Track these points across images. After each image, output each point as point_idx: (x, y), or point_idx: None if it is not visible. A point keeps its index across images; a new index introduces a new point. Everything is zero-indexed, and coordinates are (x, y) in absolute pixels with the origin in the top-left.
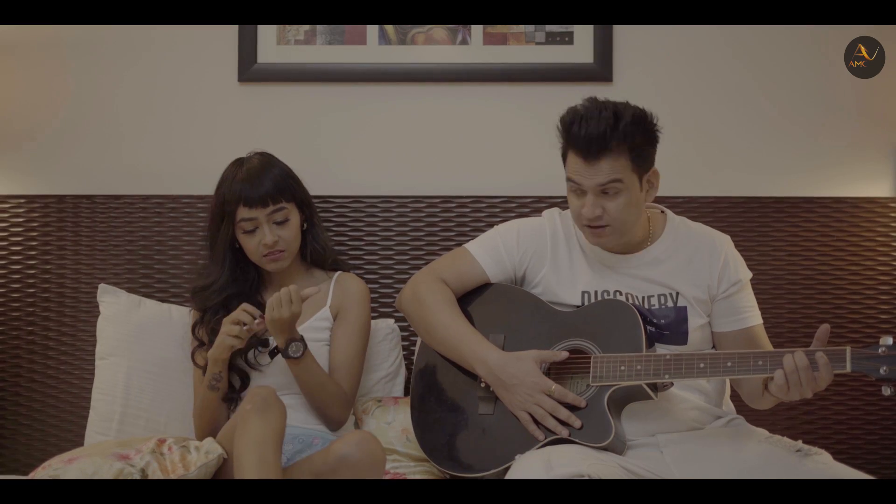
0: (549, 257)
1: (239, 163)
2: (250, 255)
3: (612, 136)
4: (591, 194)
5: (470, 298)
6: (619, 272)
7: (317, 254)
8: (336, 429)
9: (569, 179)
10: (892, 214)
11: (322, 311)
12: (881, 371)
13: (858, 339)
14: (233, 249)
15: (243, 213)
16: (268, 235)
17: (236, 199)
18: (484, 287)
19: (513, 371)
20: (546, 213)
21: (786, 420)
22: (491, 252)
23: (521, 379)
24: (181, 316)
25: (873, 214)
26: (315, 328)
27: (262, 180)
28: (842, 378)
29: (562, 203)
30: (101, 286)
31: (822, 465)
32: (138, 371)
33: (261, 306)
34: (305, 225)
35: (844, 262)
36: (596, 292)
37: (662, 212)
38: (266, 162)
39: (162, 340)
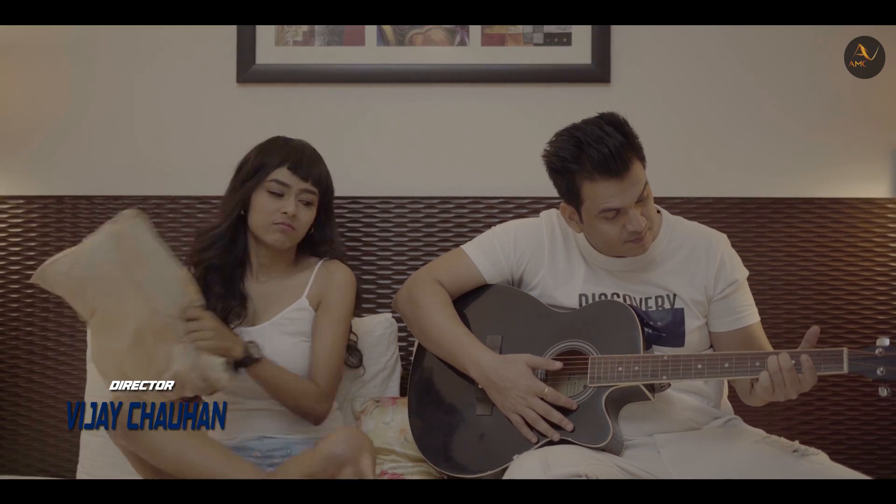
0: (546, 260)
1: (287, 138)
2: (260, 219)
3: (629, 144)
4: (632, 210)
5: (468, 299)
6: (616, 275)
7: (315, 247)
8: (318, 423)
9: (603, 210)
10: (890, 215)
11: (298, 302)
12: (878, 372)
13: (855, 340)
14: (242, 212)
15: (281, 174)
16: (291, 206)
17: (281, 160)
18: (482, 288)
19: (505, 374)
20: (544, 214)
21: (783, 420)
22: (488, 254)
23: (513, 382)
24: None
25: (870, 215)
26: (288, 320)
27: (313, 160)
28: (838, 378)
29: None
30: None
31: (819, 466)
32: None
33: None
34: (313, 227)
35: (842, 263)
36: (593, 295)
37: (658, 211)
38: (316, 152)
39: None
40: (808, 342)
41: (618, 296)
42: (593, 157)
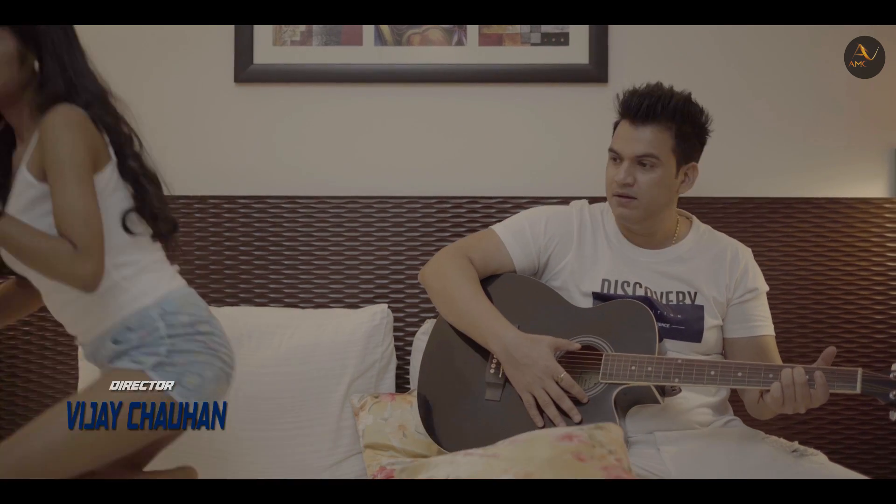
0: (574, 244)
1: None
2: None
3: (662, 109)
4: (627, 161)
5: (486, 287)
6: (641, 265)
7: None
8: (88, 289)
9: (610, 150)
10: (887, 215)
11: (20, 175)
12: (891, 396)
13: (852, 339)
14: None
15: None
16: None
17: None
18: (502, 277)
19: (527, 351)
20: (574, 203)
21: (781, 420)
22: (517, 236)
23: (533, 360)
24: None
25: (868, 215)
26: (17, 201)
27: None
28: None
29: (560, 204)
30: None
31: (818, 466)
32: None
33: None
34: (38, 63)
35: (839, 263)
36: (616, 282)
37: (688, 218)
38: None
39: None
40: (823, 360)
41: (640, 285)
42: (630, 97)
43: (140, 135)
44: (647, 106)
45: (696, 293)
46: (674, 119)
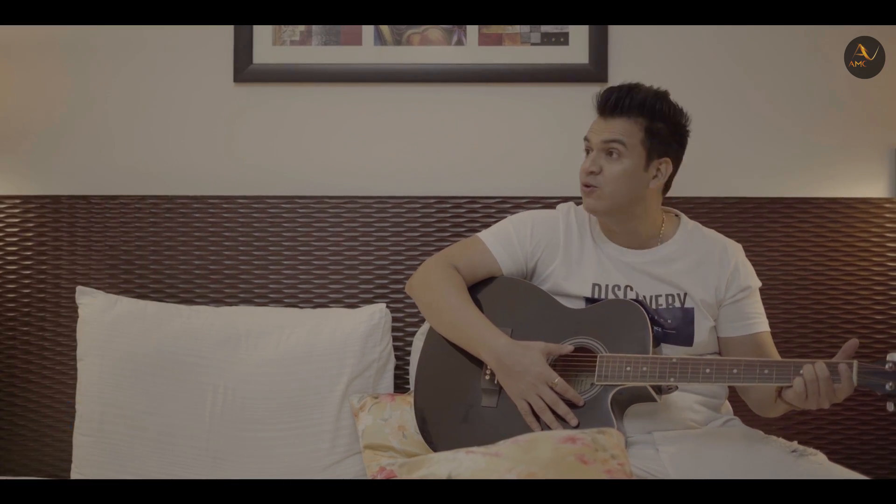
0: (561, 249)
1: None
2: None
3: (629, 101)
4: (595, 150)
5: (478, 291)
6: (630, 268)
7: None
8: None
9: (585, 139)
10: (887, 215)
11: None
12: (887, 387)
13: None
14: None
15: None
16: None
17: None
18: (493, 280)
19: (518, 359)
20: (561, 206)
21: (781, 420)
22: (503, 241)
23: (526, 367)
24: (156, 311)
25: (868, 215)
26: None
27: None
28: None
29: (558, 203)
30: (79, 288)
31: (818, 466)
32: (111, 368)
33: None
34: None
35: (839, 263)
36: (606, 286)
37: (677, 215)
38: None
39: (134, 336)
40: (844, 353)
41: (630, 288)
42: (601, 93)
43: None
44: (615, 99)
45: (685, 295)
46: (642, 113)
